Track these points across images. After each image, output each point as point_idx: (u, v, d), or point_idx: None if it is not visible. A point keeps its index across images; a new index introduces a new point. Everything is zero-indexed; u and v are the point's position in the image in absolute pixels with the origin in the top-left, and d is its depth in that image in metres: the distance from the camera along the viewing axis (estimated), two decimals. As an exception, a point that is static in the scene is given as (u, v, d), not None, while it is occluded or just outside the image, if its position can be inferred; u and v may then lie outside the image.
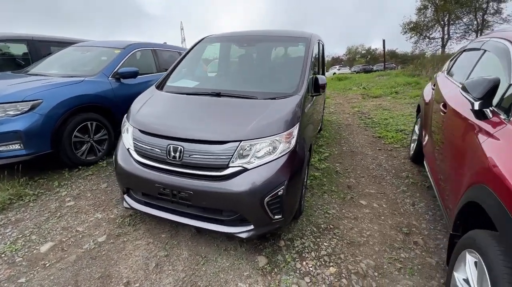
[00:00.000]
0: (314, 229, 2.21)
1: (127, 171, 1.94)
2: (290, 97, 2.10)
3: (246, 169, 1.70)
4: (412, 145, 3.67)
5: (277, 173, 1.71)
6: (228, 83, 2.62)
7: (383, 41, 20.99)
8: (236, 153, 1.70)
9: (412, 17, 28.35)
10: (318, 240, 2.09)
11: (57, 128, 2.87)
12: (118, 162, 2.01)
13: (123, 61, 3.79)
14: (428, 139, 2.67)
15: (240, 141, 1.71)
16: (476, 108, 1.47)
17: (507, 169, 1.07)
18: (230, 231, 1.77)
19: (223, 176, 1.70)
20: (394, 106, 7.09)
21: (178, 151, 1.76)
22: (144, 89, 2.57)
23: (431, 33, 27.53)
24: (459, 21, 25.50)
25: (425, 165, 2.76)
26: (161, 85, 2.54)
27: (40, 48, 4.88)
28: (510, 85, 1.40)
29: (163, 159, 1.81)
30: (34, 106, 2.70)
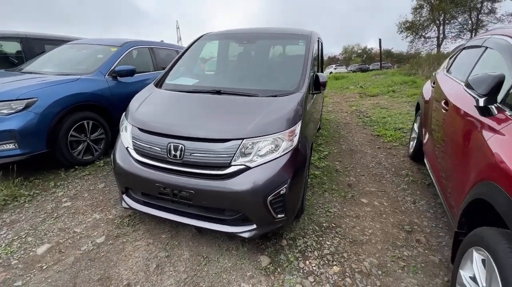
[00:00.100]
0: (316, 228, 2.20)
1: (126, 170, 1.90)
2: (292, 94, 2.07)
3: (248, 168, 1.67)
4: (411, 143, 3.67)
5: (280, 171, 1.68)
6: (228, 81, 2.59)
7: (379, 40, 21.07)
8: (238, 151, 1.67)
9: (408, 16, 28.51)
10: (321, 239, 2.07)
11: (52, 127, 2.81)
12: (116, 161, 1.97)
13: (120, 59, 3.73)
14: (428, 137, 2.66)
15: (242, 139, 1.68)
16: (481, 104, 1.46)
17: (516, 165, 1.06)
18: (232, 230, 1.74)
19: (225, 174, 1.67)
20: (391, 105, 7.11)
21: (179, 149, 1.72)
22: (141, 88, 2.52)
23: (427, 33, 27.77)
24: (454, 21, 25.76)
25: (425, 163, 2.76)
26: (160, 83, 2.50)
27: (34, 46, 4.79)
28: (515, 81, 1.40)
29: (164, 157, 1.77)
30: (29, 105, 2.63)
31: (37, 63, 3.71)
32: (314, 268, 1.78)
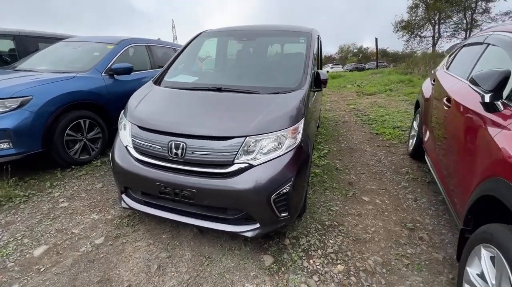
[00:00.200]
0: (319, 227, 2.18)
1: (126, 169, 1.85)
2: (294, 91, 2.05)
3: (251, 166, 1.64)
4: (410, 141, 3.68)
5: (283, 169, 1.65)
6: (228, 78, 2.55)
7: (376, 39, 21.19)
8: (241, 149, 1.64)
9: (404, 15, 28.73)
10: (324, 237, 2.05)
11: (48, 126, 2.74)
12: (115, 160, 1.92)
13: (117, 56, 3.67)
14: (429, 135, 2.66)
15: (245, 136, 1.65)
16: (486, 100, 1.45)
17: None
18: (235, 230, 1.71)
19: (228, 173, 1.64)
20: (389, 103, 7.14)
21: (180, 147, 1.68)
22: (138, 86, 2.48)
23: (422, 32, 28.01)
24: (449, 20, 26.03)
25: (426, 160, 2.76)
26: (159, 80, 2.45)
27: (27, 44, 4.69)
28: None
29: (164, 156, 1.73)
30: (24, 103, 2.56)
31: (31, 61, 3.62)
32: (318, 267, 1.76)
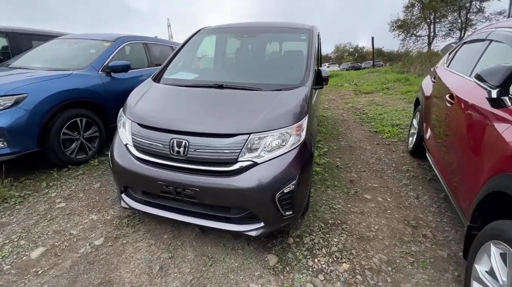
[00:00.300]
0: (322, 225, 2.15)
1: (126, 168, 1.80)
2: (297, 88, 2.02)
3: (256, 164, 1.61)
4: (410, 139, 3.68)
5: (288, 167, 1.63)
6: (229, 75, 2.51)
7: (372, 38, 21.23)
8: (245, 146, 1.61)
9: (399, 15, 28.86)
10: (327, 236, 2.03)
11: (44, 124, 2.67)
12: (114, 159, 1.87)
13: (113, 54, 3.59)
14: (431, 132, 2.66)
15: (249, 133, 1.62)
16: (493, 96, 1.43)
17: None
18: (239, 229, 1.68)
19: (232, 171, 1.60)
20: (386, 102, 7.16)
21: (183, 145, 1.64)
22: (136, 84, 2.42)
23: (418, 31, 28.21)
24: (445, 19, 26.24)
25: (428, 158, 2.75)
26: (158, 78, 2.40)
27: (21, 41, 4.59)
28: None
29: (166, 154, 1.69)
30: (18, 101, 2.49)
31: (25, 58, 3.53)
32: (323, 266, 1.74)
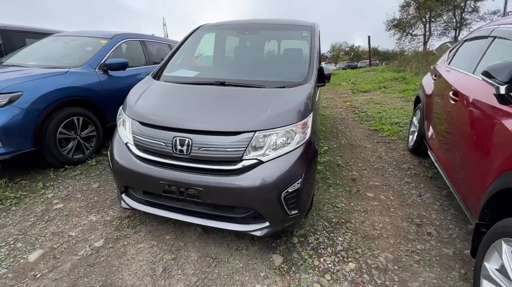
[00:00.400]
0: (326, 224, 2.13)
1: (126, 168, 1.75)
2: (301, 85, 1.99)
3: (261, 162, 1.57)
4: (410, 137, 3.68)
5: (294, 165, 1.59)
6: (231, 72, 2.47)
7: (368, 37, 21.27)
8: (250, 144, 1.57)
9: (395, 14, 29.10)
10: (332, 235, 2.01)
11: (40, 123, 2.60)
12: (114, 159, 1.82)
13: (110, 52, 3.52)
14: (434, 130, 2.65)
15: (254, 131, 1.58)
16: (502, 92, 1.42)
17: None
18: (244, 229, 1.64)
19: (237, 170, 1.57)
20: (384, 100, 7.17)
21: (186, 144, 1.60)
22: (133, 82, 2.37)
23: (413, 30, 28.43)
24: (440, 19, 26.47)
25: (430, 155, 2.75)
26: (158, 75, 2.35)
27: (13, 39, 4.49)
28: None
29: (169, 153, 1.64)
30: (13, 99, 2.42)
31: (19, 56, 3.44)
32: (330, 265, 1.71)
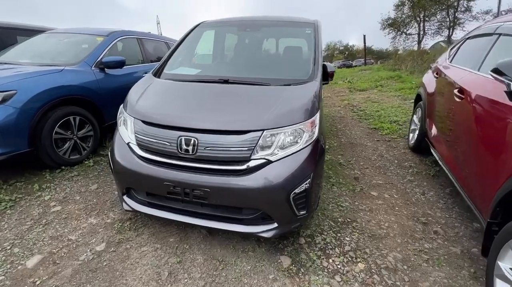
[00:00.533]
0: (332, 224, 2.10)
1: (128, 169, 1.69)
2: (307, 83, 1.95)
3: (269, 162, 1.53)
4: (411, 135, 3.68)
5: (303, 165, 1.56)
6: (234, 70, 2.41)
7: (364, 36, 21.47)
8: (258, 144, 1.53)
9: (390, 13, 29.28)
10: (339, 234, 1.98)
11: (35, 123, 2.51)
12: (116, 159, 1.76)
13: (107, 49, 3.43)
14: (437, 128, 2.64)
15: (262, 130, 1.54)
16: (514, 89, 1.40)
17: None
18: (252, 231, 1.60)
19: (245, 170, 1.52)
20: (382, 99, 7.20)
21: (192, 143, 1.55)
22: (131, 81, 2.31)
23: (408, 29, 28.70)
24: (434, 18, 26.77)
25: (433, 153, 2.74)
26: (158, 73, 2.28)
27: (4, 36, 4.33)
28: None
29: (173, 153, 1.59)
30: (7, 98, 2.32)
31: (12, 53, 3.33)
32: (339, 266, 1.68)
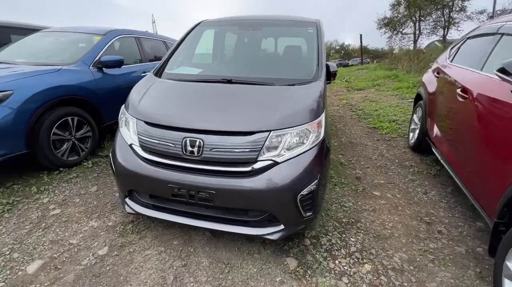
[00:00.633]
0: (337, 224, 2.09)
1: (131, 170, 1.66)
2: (311, 83, 1.93)
3: (276, 163, 1.51)
4: (411, 134, 3.69)
5: (310, 166, 1.54)
6: (236, 70, 2.37)
7: (360, 36, 21.52)
8: (265, 145, 1.50)
9: (386, 13, 29.52)
10: (344, 235, 1.97)
11: (32, 124, 2.45)
12: (117, 161, 1.72)
13: (105, 48, 3.37)
14: (439, 127, 2.65)
15: (269, 131, 1.51)
16: (521, 89, 1.40)
17: None
18: (258, 233, 1.58)
19: (251, 171, 1.50)
20: (380, 98, 7.22)
21: (197, 145, 1.52)
22: (130, 80, 2.27)
23: (404, 29, 28.93)
24: (429, 17, 27.02)
25: (435, 153, 2.75)
26: (160, 72, 2.24)
27: (-2, 35, 4.24)
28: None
29: (178, 154, 1.56)
30: (3, 99, 2.26)
31: (6, 52, 3.25)
32: (345, 267, 1.67)
